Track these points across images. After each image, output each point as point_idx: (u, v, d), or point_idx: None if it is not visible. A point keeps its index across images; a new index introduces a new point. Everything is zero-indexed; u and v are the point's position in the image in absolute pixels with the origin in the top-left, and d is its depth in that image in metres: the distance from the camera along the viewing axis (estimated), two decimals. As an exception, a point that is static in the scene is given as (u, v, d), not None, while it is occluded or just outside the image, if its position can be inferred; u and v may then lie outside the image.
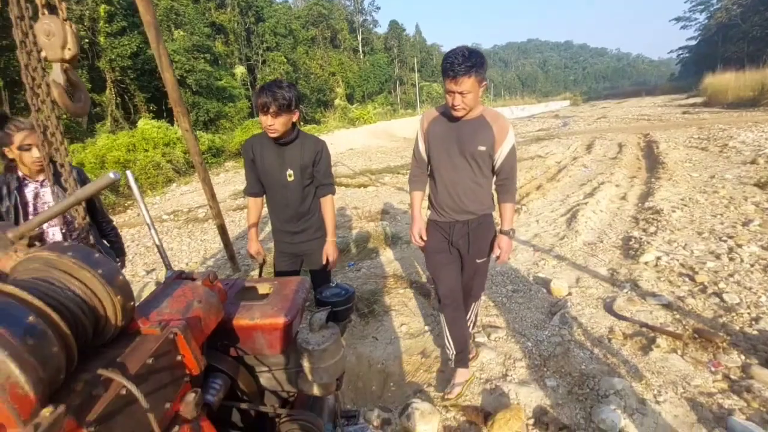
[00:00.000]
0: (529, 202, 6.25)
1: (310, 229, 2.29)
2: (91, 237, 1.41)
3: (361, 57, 42.25)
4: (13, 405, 0.63)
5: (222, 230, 2.68)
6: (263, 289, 1.47)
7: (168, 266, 1.28)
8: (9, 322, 0.65)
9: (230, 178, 9.22)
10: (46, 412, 0.66)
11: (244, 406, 1.31)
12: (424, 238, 2.15)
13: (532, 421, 1.95)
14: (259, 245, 2.37)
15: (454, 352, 2.22)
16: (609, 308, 2.91)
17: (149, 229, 1.27)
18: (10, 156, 1.90)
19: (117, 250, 2.34)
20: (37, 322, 0.68)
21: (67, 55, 1.19)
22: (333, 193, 2.30)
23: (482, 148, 1.91)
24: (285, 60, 27.98)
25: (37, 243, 0.84)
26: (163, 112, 12.33)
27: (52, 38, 1.16)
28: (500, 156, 1.95)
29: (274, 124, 2.03)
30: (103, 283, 0.81)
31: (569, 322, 2.77)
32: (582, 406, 2.04)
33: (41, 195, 2.00)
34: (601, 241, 4.28)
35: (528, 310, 3.04)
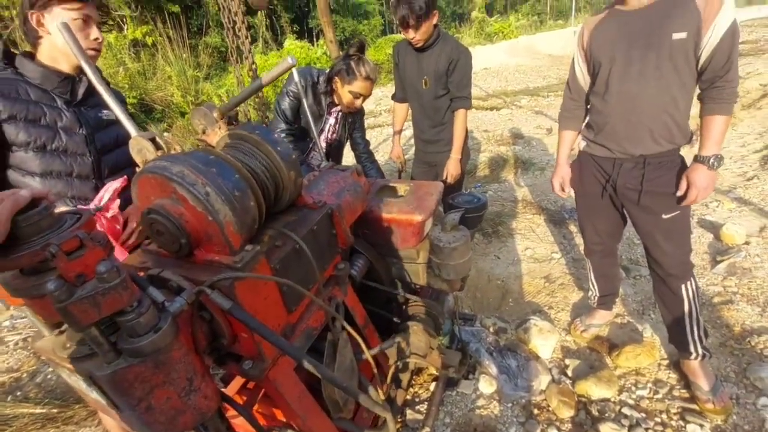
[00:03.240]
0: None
1: (442, 141, 2.29)
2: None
3: (507, -44, 36.30)
4: (228, 238, 0.83)
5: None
6: (400, 189, 1.57)
7: (324, 159, 1.46)
8: (225, 176, 0.83)
9: (363, 97, 9.52)
10: (249, 247, 0.87)
11: (379, 287, 1.50)
12: (566, 189, 1.77)
13: (666, 363, 1.80)
14: (400, 150, 2.52)
15: (598, 295, 1.96)
16: (803, 265, 2.32)
17: (312, 123, 1.44)
18: (336, 87, 1.89)
19: None
20: (240, 180, 0.86)
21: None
22: (466, 107, 2.18)
23: (680, 36, 1.32)
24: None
25: (233, 122, 1.02)
26: (304, 32, 13.00)
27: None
28: (710, 41, 1.30)
29: (416, 35, 2.01)
30: (280, 158, 0.97)
31: (739, 273, 2.33)
32: (736, 360, 1.78)
33: (331, 121, 2.06)
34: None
35: (683, 254, 2.62)
